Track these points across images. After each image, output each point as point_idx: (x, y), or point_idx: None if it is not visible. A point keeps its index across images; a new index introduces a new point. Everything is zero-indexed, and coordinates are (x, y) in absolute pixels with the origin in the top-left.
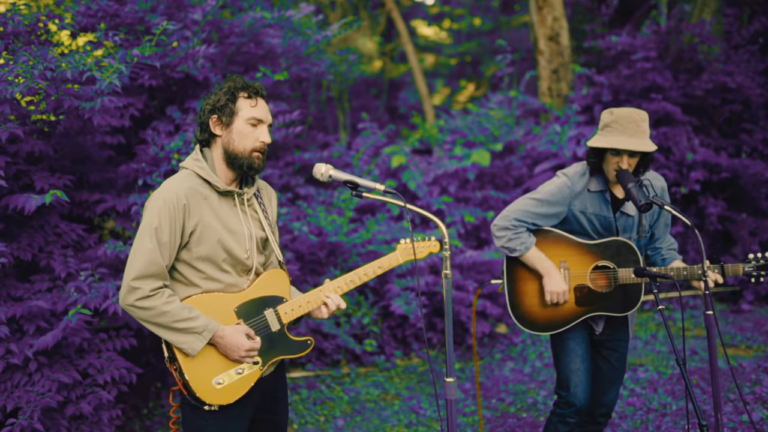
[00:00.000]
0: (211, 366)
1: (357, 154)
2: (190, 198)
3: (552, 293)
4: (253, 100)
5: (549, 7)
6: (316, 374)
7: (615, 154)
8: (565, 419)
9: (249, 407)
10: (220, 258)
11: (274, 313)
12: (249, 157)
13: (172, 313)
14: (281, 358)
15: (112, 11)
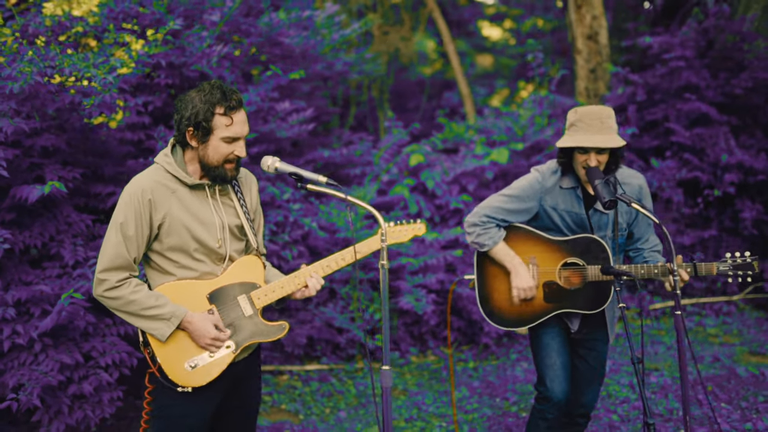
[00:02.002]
0: (184, 350)
1: (378, 153)
2: (156, 192)
3: (518, 289)
4: (229, 118)
5: (588, 6)
6: (330, 368)
7: (582, 152)
8: (544, 415)
9: (220, 391)
10: (191, 248)
11: (247, 298)
12: (222, 168)
13: (139, 302)
14: (255, 342)
15: (133, 13)
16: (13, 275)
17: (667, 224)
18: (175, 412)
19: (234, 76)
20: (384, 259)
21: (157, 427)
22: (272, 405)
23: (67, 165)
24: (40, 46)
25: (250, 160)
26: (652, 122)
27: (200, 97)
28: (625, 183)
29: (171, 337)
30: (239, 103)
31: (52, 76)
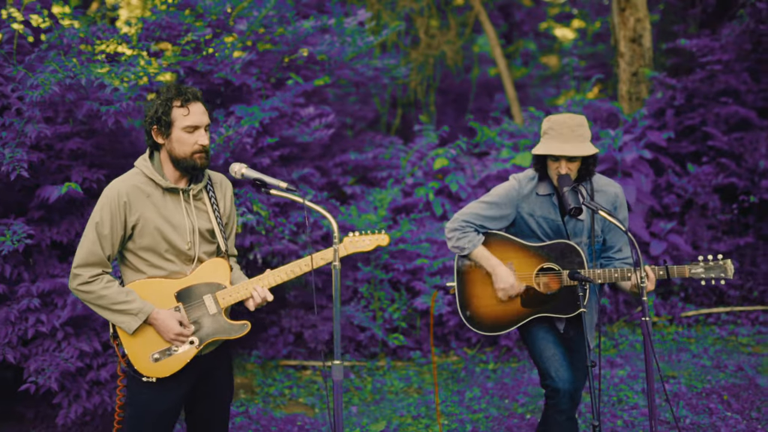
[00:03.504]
0: (149, 343)
1: (406, 156)
2: (131, 195)
3: (501, 290)
4: (185, 109)
5: (632, 8)
6: (352, 364)
7: (554, 160)
8: (559, 407)
9: (185, 382)
10: (162, 248)
11: (212, 297)
12: (192, 159)
13: (109, 297)
14: (218, 338)
15: (164, 24)
16: (42, 268)
17: (703, 231)
18: (141, 400)
19: (258, 84)
20: (336, 261)
21: (128, 413)
22: (290, 398)
23: (93, 167)
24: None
25: (272, 163)
26: (690, 127)
27: (159, 97)
28: (601, 191)
29: (138, 331)
30: (195, 96)
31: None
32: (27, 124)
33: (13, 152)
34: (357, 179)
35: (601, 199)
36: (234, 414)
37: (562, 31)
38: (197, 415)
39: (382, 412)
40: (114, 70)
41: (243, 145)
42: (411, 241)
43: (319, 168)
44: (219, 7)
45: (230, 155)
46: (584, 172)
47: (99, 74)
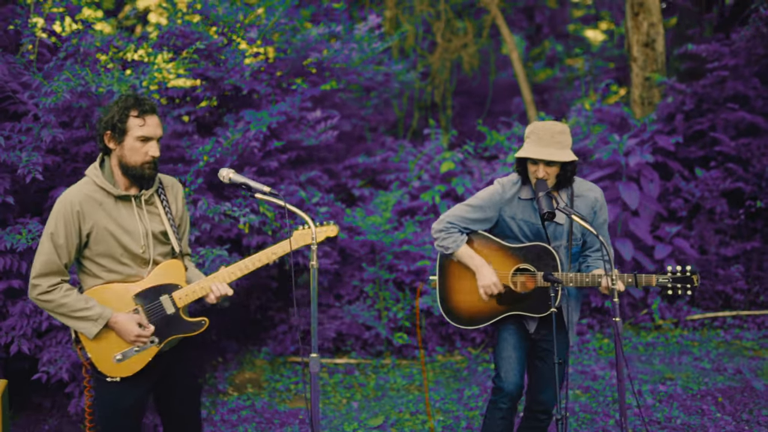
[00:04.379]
0: (111, 345)
1: (414, 159)
2: (84, 205)
3: (483, 287)
4: (141, 119)
5: (645, 13)
6: (358, 362)
7: (533, 163)
8: (498, 405)
9: (148, 378)
10: (117, 253)
11: (169, 298)
12: (140, 169)
13: (69, 305)
14: (178, 336)
15: (178, 32)
16: None
17: (710, 235)
18: (109, 399)
19: (271, 89)
20: (314, 260)
21: (98, 413)
22: (296, 393)
23: None
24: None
25: (279, 166)
26: (700, 132)
27: (117, 104)
28: (581, 196)
29: (99, 335)
30: (152, 109)
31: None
32: (42, 129)
33: (29, 156)
34: (366, 182)
35: (581, 204)
36: (240, 407)
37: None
38: (168, 408)
39: (382, 408)
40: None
41: (251, 149)
42: (415, 243)
43: (329, 171)
44: (231, 16)
45: (237, 159)
46: (562, 177)
47: (109, 82)
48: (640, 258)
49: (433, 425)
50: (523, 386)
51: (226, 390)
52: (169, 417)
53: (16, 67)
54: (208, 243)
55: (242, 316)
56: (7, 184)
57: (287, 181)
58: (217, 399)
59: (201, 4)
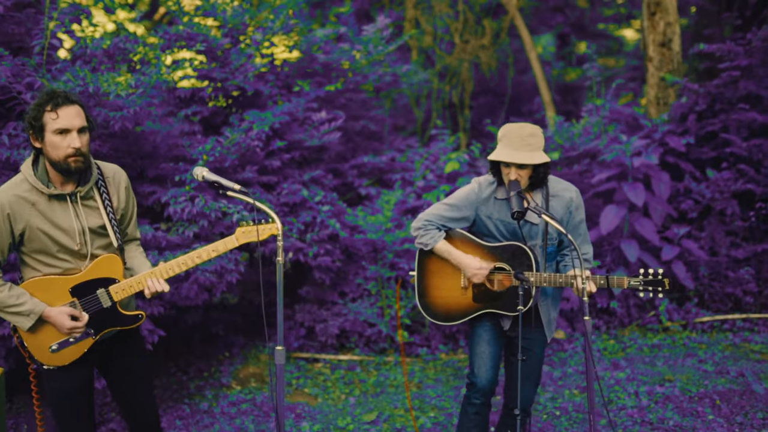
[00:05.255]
0: (47, 336)
1: (420, 159)
2: (15, 206)
3: (472, 274)
4: (54, 113)
5: (662, 12)
6: (361, 359)
7: (506, 166)
8: (471, 400)
9: (87, 364)
10: (53, 250)
11: (105, 292)
12: (66, 163)
13: (1, 301)
14: (114, 329)
15: (185, 36)
16: None
17: (721, 237)
18: (51, 386)
19: (276, 89)
20: (280, 256)
21: (46, 399)
22: (297, 388)
23: None
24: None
25: (282, 165)
26: (712, 132)
27: (34, 103)
28: (557, 196)
29: (37, 326)
30: (65, 100)
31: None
32: None
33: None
34: (373, 181)
35: (556, 204)
36: (241, 401)
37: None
38: (121, 395)
39: (378, 404)
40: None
41: (252, 149)
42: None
43: (335, 170)
44: (237, 18)
45: (237, 158)
46: (535, 179)
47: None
48: (647, 259)
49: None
50: (497, 382)
51: (230, 384)
52: (124, 402)
53: (24, 68)
54: (207, 239)
55: (249, 312)
56: None
57: (290, 180)
58: (220, 392)
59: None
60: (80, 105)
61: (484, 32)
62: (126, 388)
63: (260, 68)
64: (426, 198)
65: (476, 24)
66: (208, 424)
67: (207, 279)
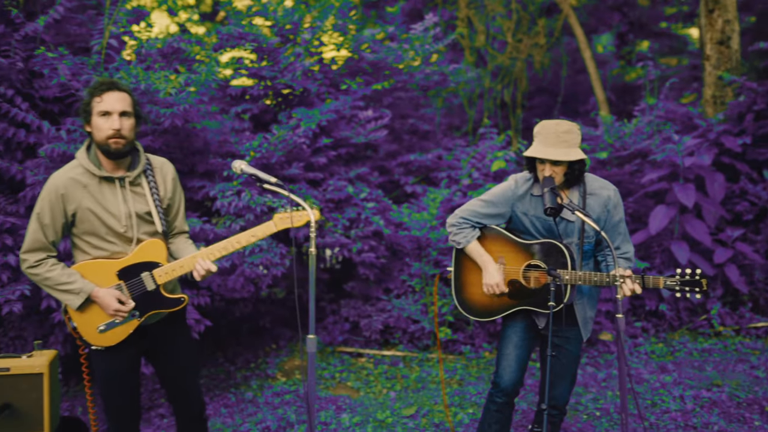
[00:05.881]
0: (95, 316)
1: (467, 158)
2: (69, 188)
3: (487, 285)
4: (99, 97)
5: (721, 9)
6: (405, 354)
7: (540, 163)
8: (493, 398)
9: (134, 347)
10: (102, 232)
11: (149, 275)
12: (107, 144)
13: (53, 279)
14: (157, 312)
15: (236, 35)
16: None
17: None
18: (99, 366)
19: (324, 88)
20: (312, 247)
21: (93, 377)
22: (339, 381)
23: None
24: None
25: (329, 162)
26: None
27: (86, 91)
28: (594, 194)
29: (84, 307)
30: (111, 86)
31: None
32: None
33: None
34: (420, 179)
35: (593, 202)
36: (285, 392)
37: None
38: (167, 382)
39: (419, 399)
40: (178, 77)
41: (299, 146)
42: None
43: (382, 168)
44: (287, 18)
45: (283, 155)
46: (570, 176)
47: (163, 82)
48: (698, 261)
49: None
50: (521, 383)
51: (275, 375)
52: (170, 389)
53: (83, 67)
54: None
55: (295, 305)
56: None
57: (336, 176)
58: (265, 383)
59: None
60: (127, 93)
61: (537, 31)
62: (171, 375)
63: (309, 67)
64: (471, 196)
65: (530, 23)
66: (252, 413)
67: (253, 272)
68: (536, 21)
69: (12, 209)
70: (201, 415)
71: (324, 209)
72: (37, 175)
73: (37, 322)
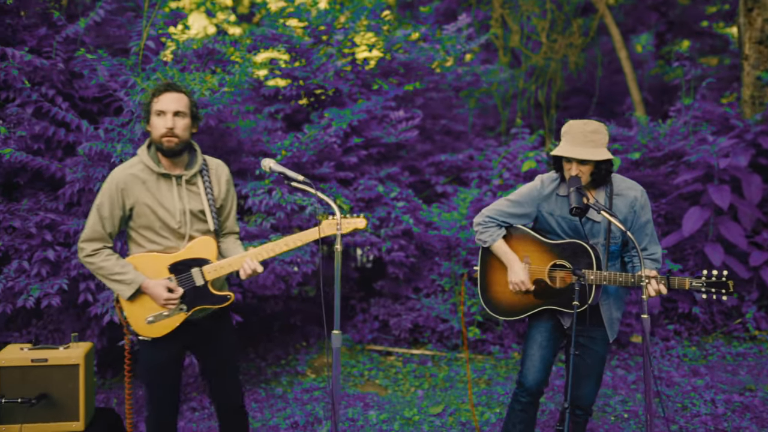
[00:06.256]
0: (145, 308)
1: (498, 158)
2: (129, 183)
3: (512, 283)
4: (157, 98)
5: (761, 8)
6: (434, 354)
7: (567, 162)
8: (518, 398)
9: (179, 340)
10: (156, 226)
11: (199, 271)
12: (161, 142)
13: (107, 269)
14: (203, 306)
15: (270, 36)
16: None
17: None
18: (145, 356)
19: (356, 88)
20: (339, 245)
21: (137, 368)
22: (368, 378)
23: None
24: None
25: (359, 162)
26: None
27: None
28: (621, 195)
29: (135, 298)
30: (168, 87)
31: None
32: (135, 123)
33: (123, 146)
34: (451, 179)
35: (620, 203)
36: (314, 388)
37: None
38: (209, 372)
39: (446, 398)
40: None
41: (330, 145)
42: None
43: (413, 167)
44: (320, 19)
45: (314, 154)
46: (597, 176)
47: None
48: (732, 264)
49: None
50: (545, 383)
51: (305, 372)
52: (212, 384)
53: (122, 68)
54: (284, 230)
55: (325, 303)
56: (105, 172)
57: (367, 176)
58: (295, 379)
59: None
60: (185, 94)
61: (572, 31)
62: (213, 368)
63: (341, 67)
64: (501, 196)
65: (564, 23)
66: (281, 408)
67: (283, 269)
68: (571, 21)
69: (52, 206)
70: (241, 408)
71: (354, 208)
72: (75, 173)
73: (74, 316)
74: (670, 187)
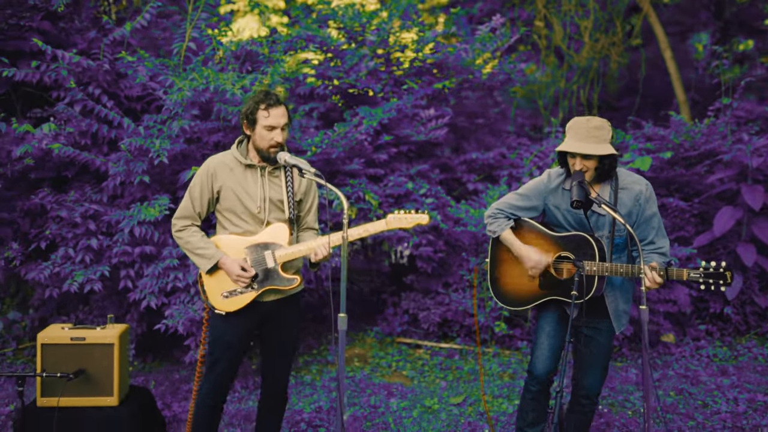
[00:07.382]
0: (221, 283)
1: (530, 156)
2: (218, 169)
3: (531, 268)
4: (267, 112)
5: None
6: (462, 348)
7: (571, 157)
8: (528, 387)
9: (249, 319)
10: (239, 210)
11: (271, 254)
12: (267, 152)
13: (192, 243)
14: (272, 287)
15: (305, 37)
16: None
17: None
18: (217, 331)
19: (389, 87)
20: (345, 231)
21: (208, 341)
22: (395, 369)
23: None
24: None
25: (390, 159)
26: None
27: (252, 98)
28: (626, 189)
29: (213, 273)
30: (277, 101)
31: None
32: (172, 120)
33: (161, 142)
34: (482, 176)
35: (625, 197)
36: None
37: None
38: (265, 350)
39: (468, 389)
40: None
41: (361, 142)
42: None
43: (444, 165)
44: (355, 21)
45: (344, 151)
46: (601, 171)
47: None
48: (765, 265)
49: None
50: (554, 372)
51: (334, 361)
52: (265, 362)
53: (163, 69)
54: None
55: (358, 297)
56: (145, 166)
57: (397, 173)
58: (324, 368)
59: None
60: (286, 106)
61: (616, 31)
62: (269, 349)
63: (373, 67)
64: None
65: (608, 22)
66: (308, 394)
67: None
68: (614, 20)
69: (96, 198)
70: (283, 394)
71: (383, 204)
72: (118, 167)
73: (117, 302)
74: (704, 187)
